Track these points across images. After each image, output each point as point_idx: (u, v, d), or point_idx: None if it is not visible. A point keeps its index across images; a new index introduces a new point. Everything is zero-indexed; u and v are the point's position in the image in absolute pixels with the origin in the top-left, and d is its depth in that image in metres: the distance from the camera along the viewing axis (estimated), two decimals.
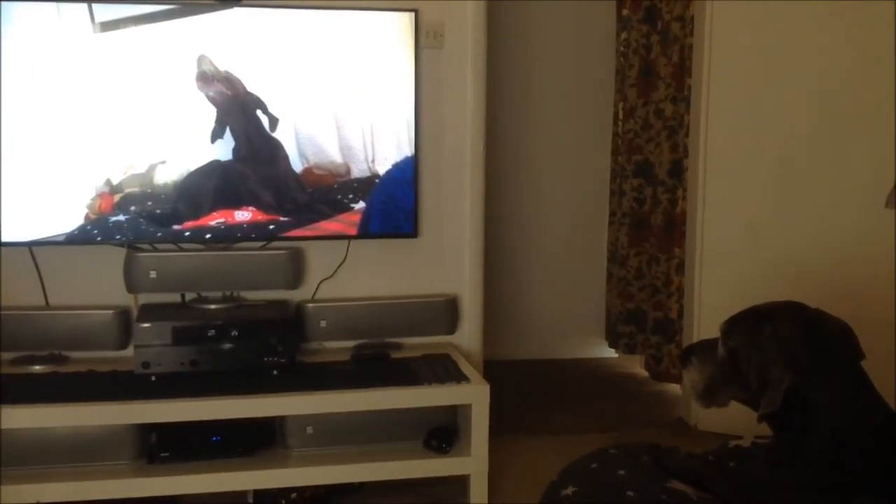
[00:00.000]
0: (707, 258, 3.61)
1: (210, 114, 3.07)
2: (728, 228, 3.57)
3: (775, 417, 1.83)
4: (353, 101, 3.15)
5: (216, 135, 3.09)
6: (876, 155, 3.35)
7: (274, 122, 3.12)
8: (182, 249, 3.14)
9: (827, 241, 3.44)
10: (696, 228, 3.64)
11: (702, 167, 3.61)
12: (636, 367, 4.52)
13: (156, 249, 3.12)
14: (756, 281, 3.43)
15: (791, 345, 1.81)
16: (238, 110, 3.08)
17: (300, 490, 2.89)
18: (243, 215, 3.13)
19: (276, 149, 3.13)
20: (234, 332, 2.96)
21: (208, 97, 3.06)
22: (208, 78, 3.04)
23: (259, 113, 3.11)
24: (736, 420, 1.92)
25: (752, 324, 1.88)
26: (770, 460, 1.89)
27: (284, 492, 2.88)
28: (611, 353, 4.69)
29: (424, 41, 3.27)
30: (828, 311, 1.93)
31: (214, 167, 3.09)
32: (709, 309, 3.55)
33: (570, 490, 2.16)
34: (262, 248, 3.20)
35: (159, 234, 3.07)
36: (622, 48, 4.48)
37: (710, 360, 1.94)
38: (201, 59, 3.03)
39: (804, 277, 3.38)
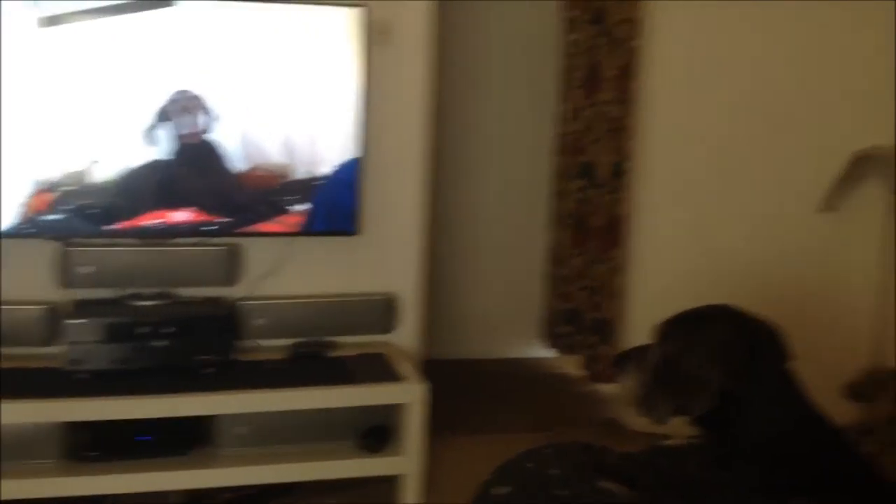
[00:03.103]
0: (646, 261, 3.65)
1: (150, 112, 3.01)
2: (666, 231, 3.60)
3: (707, 420, 1.85)
4: (298, 101, 3.11)
5: (155, 133, 3.03)
6: (811, 159, 3.41)
7: (215, 121, 3.07)
8: (118, 245, 3.08)
9: (763, 245, 3.50)
10: (635, 230, 3.67)
11: (642, 170, 3.64)
12: (573, 367, 4.54)
13: (91, 245, 3.05)
14: (693, 284, 3.47)
15: (724, 347, 1.83)
16: (178, 109, 3.03)
17: (232, 490, 2.86)
18: (181, 216, 3.09)
19: (215, 149, 3.08)
20: (168, 330, 2.91)
21: (148, 95, 3.00)
22: (148, 76, 2.99)
23: (200, 112, 3.06)
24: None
25: (684, 326, 1.90)
26: (701, 460, 1.91)
27: (217, 492, 2.84)
28: (549, 353, 4.71)
29: (372, 38, 3.24)
30: (759, 313, 1.96)
31: (153, 166, 3.04)
32: (646, 311, 3.57)
33: (503, 489, 2.16)
34: (199, 244, 3.15)
35: (95, 232, 3.01)
36: (568, 49, 4.50)
37: (646, 365, 1.95)
38: (140, 57, 2.97)
39: (740, 280, 3.43)
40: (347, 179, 3.19)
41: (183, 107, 3.04)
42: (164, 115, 3.03)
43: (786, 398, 1.85)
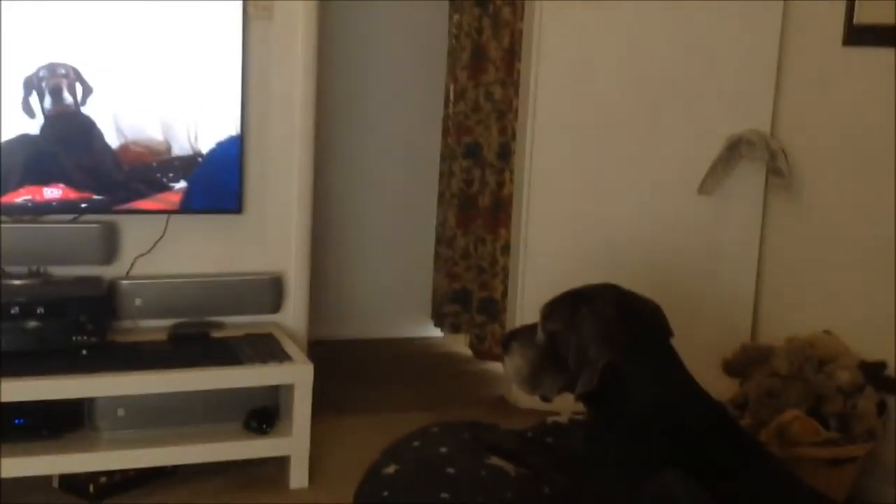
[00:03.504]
0: (531, 240, 3.68)
1: (20, 84, 2.88)
2: (551, 212, 3.64)
3: (591, 396, 1.88)
4: (176, 76, 3.03)
5: (25, 107, 2.90)
6: (693, 143, 3.50)
7: (88, 94, 2.95)
8: None
9: (646, 225, 3.58)
10: (522, 211, 3.71)
11: (528, 150, 3.67)
12: (461, 346, 4.57)
13: None
14: (577, 263, 3.52)
15: (607, 325, 1.86)
16: (50, 81, 2.90)
17: (110, 474, 2.78)
18: (53, 192, 2.97)
19: (89, 123, 2.97)
20: (40, 310, 2.79)
21: (18, 67, 2.86)
22: (18, 46, 2.85)
23: (73, 85, 2.94)
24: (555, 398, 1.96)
25: (569, 306, 1.93)
26: (585, 436, 1.94)
27: (93, 476, 2.76)
28: (436, 333, 4.73)
29: (253, 12, 3.17)
30: (640, 293, 2.00)
31: (22, 141, 2.91)
32: (532, 290, 3.62)
33: (391, 468, 2.16)
34: (73, 221, 3.03)
35: None
36: (454, 30, 4.50)
37: (531, 344, 1.97)
38: (10, 27, 2.83)
39: (625, 260, 3.50)
40: (229, 157, 3.13)
41: (55, 79, 2.92)
42: (34, 88, 2.91)
43: (665, 374, 1.90)
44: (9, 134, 2.89)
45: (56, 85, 2.92)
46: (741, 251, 3.54)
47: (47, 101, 2.92)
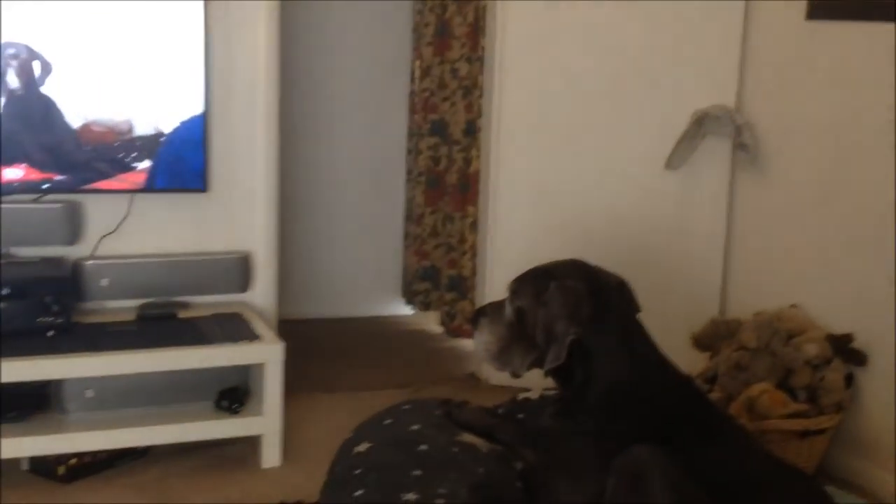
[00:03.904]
0: (499, 217, 3.69)
1: None
2: (519, 188, 3.65)
3: (561, 372, 1.89)
4: (138, 54, 3.00)
5: None
6: (659, 118, 3.51)
7: (47, 73, 2.91)
8: None
9: (614, 201, 3.59)
10: (489, 188, 3.71)
11: (494, 128, 3.66)
12: (431, 323, 4.58)
13: None
14: (545, 240, 3.53)
15: (574, 300, 1.87)
16: (9, 60, 2.86)
17: (80, 456, 2.76)
18: (14, 173, 2.93)
19: (50, 103, 2.94)
20: (4, 291, 2.77)
21: None
22: None
23: (31, 63, 2.89)
24: (526, 374, 1.96)
25: (536, 282, 1.93)
26: (555, 411, 1.95)
27: (62, 458, 2.74)
28: (407, 311, 4.73)
29: None
30: (606, 268, 2.01)
31: None
32: (500, 267, 3.62)
33: (363, 446, 2.16)
34: (35, 201, 2.99)
35: None
36: (418, 6, 4.47)
37: (500, 320, 1.97)
38: None
39: (591, 236, 3.51)
40: (193, 136, 3.11)
41: (14, 58, 2.87)
42: None
43: (633, 349, 1.91)
44: None
45: (14, 64, 2.87)
46: (708, 226, 3.57)
47: (6, 80, 2.87)
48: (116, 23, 2.96)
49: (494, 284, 3.63)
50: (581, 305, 1.87)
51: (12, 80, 2.88)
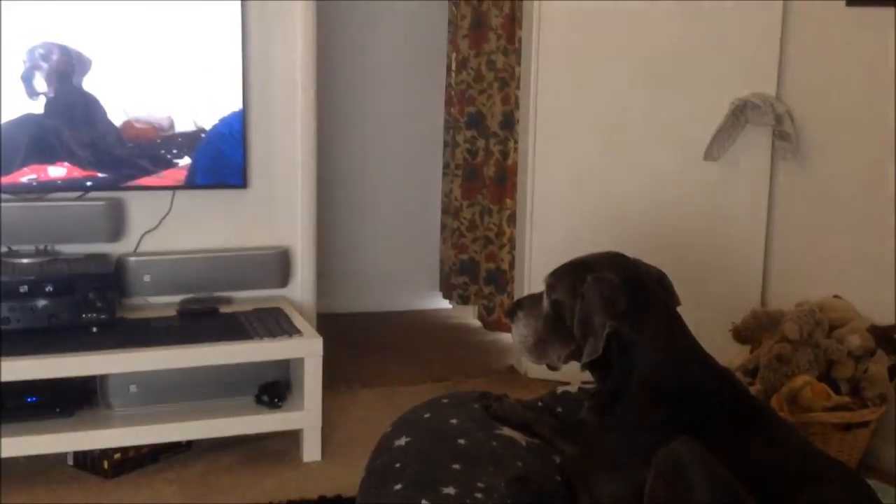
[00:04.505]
0: (537, 210, 3.68)
1: (21, 64, 2.88)
2: (557, 180, 3.63)
3: (599, 365, 1.88)
4: (177, 51, 3.03)
5: (28, 86, 2.90)
6: (697, 108, 3.48)
7: (87, 71, 2.95)
8: None
9: (652, 192, 3.56)
10: (527, 180, 3.70)
11: (532, 119, 3.65)
12: (469, 317, 4.58)
13: None
14: (584, 232, 3.52)
15: (610, 293, 1.86)
16: (53, 60, 2.90)
17: (124, 451, 2.79)
18: (58, 171, 2.97)
19: (92, 101, 2.98)
20: (49, 288, 2.81)
21: (20, 46, 2.87)
22: (20, 25, 2.85)
23: (75, 63, 2.93)
24: (564, 368, 1.96)
25: (573, 275, 1.92)
26: (593, 405, 1.94)
27: (107, 453, 2.77)
28: (445, 305, 4.73)
29: None
30: (644, 261, 2.00)
31: (25, 120, 2.92)
32: (539, 259, 3.62)
33: (402, 440, 2.16)
34: (79, 199, 3.03)
35: None
36: None
37: (537, 313, 1.97)
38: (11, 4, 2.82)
39: (629, 228, 3.49)
40: (232, 132, 3.13)
41: (58, 58, 2.92)
42: (37, 67, 2.90)
43: (671, 342, 1.89)
44: (12, 113, 2.89)
45: (59, 64, 2.91)
46: (749, 216, 3.53)
47: (48, 79, 2.91)
48: (157, 21, 2.99)
49: (533, 277, 3.63)
50: (618, 298, 1.86)
51: (53, 80, 2.92)
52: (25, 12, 2.86)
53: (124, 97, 3.00)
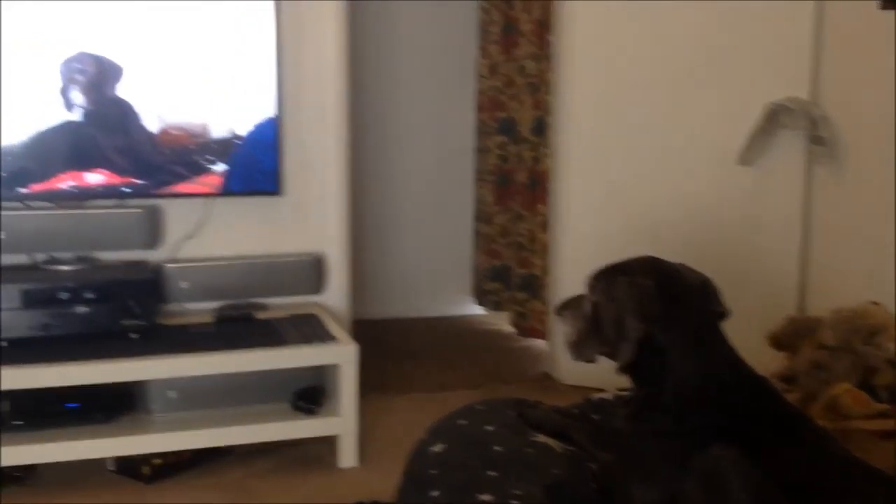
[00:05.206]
0: (570, 215, 3.68)
1: (59, 72, 2.92)
2: (590, 186, 3.63)
3: (637, 370, 1.88)
4: (211, 58, 3.06)
5: (66, 94, 2.94)
6: (730, 113, 3.47)
7: (127, 80, 2.98)
8: (31, 209, 2.99)
9: (684, 196, 3.55)
10: (560, 186, 3.70)
11: (564, 125, 3.65)
12: (503, 323, 4.58)
13: (2, 209, 2.95)
14: (617, 237, 3.52)
15: (643, 297, 1.85)
16: (89, 68, 2.94)
17: (164, 456, 2.82)
18: (95, 178, 3.01)
19: (128, 108, 3.01)
20: (89, 295, 2.86)
21: (57, 55, 2.91)
22: (57, 34, 2.89)
23: (111, 71, 2.97)
24: (600, 374, 1.96)
25: (609, 278, 1.93)
26: (629, 412, 1.94)
27: (147, 458, 2.80)
28: (478, 311, 4.74)
29: None
30: (687, 265, 1.99)
31: (63, 127, 2.96)
32: (572, 265, 3.61)
33: (438, 447, 2.17)
34: (117, 206, 3.07)
35: (6, 196, 2.93)
36: (484, 4, 4.48)
37: (579, 313, 1.97)
38: (49, 15, 2.87)
39: (662, 233, 3.48)
40: (266, 139, 3.15)
41: (94, 66, 2.96)
42: (74, 75, 2.94)
43: (707, 348, 1.88)
44: (50, 121, 2.93)
45: (95, 72, 2.95)
46: (784, 222, 3.50)
47: (86, 87, 2.95)
48: (191, 28, 3.02)
49: (567, 284, 3.62)
50: (649, 302, 1.85)
51: (89, 90, 2.96)
52: (63, 20, 2.90)
53: (160, 104, 3.03)
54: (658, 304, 1.85)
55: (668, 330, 1.84)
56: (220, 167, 3.11)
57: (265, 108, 3.13)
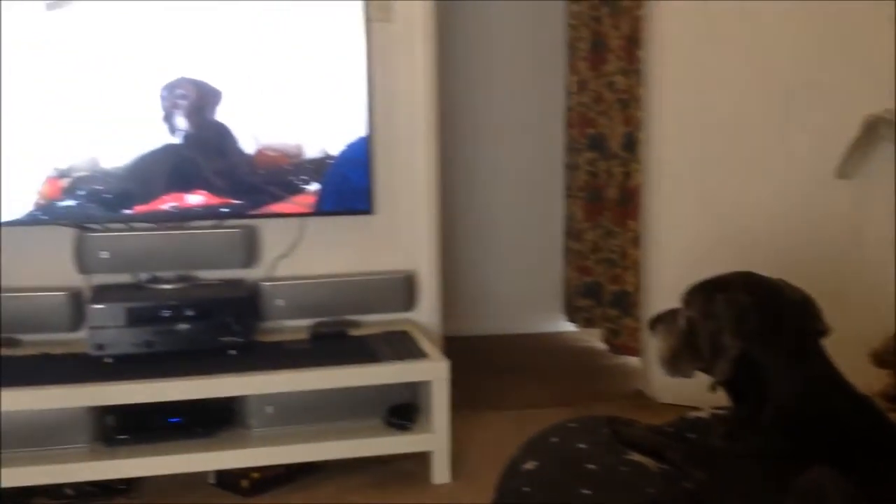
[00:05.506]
0: (662, 231, 3.64)
1: (159, 95, 3.02)
2: (682, 201, 3.59)
3: (734, 388, 1.86)
4: (303, 80, 3.12)
5: (166, 117, 3.04)
6: (826, 126, 3.39)
7: (225, 103, 3.07)
8: (133, 229, 3.10)
9: (780, 211, 3.48)
10: (651, 201, 3.67)
11: (654, 140, 3.62)
12: (595, 340, 4.55)
13: (106, 230, 3.07)
14: (710, 253, 3.46)
15: (740, 313, 1.83)
16: (187, 92, 3.04)
17: (262, 470, 2.88)
18: (195, 199, 3.10)
19: (226, 131, 3.10)
20: (190, 313, 2.94)
21: (157, 79, 3.01)
22: (156, 59, 3.00)
23: (211, 96, 3.06)
24: (695, 392, 1.94)
25: (705, 293, 1.90)
26: (726, 431, 1.91)
27: (246, 472, 2.86)
28: (569, 327, 4.72)
29: (374, 14, 3.24)
30: (788, 282, 1.95)
31: (165, 150, 3.06)
32: (665, 281, 3.58)
33: (530, 464, 2.17)
34: (216, 226, 3.16)
35: (110, 217, 3.04)
36: (572, 20, 4.48)
37: (674, 328, 1.96)
38: (149, 40, 2.97)
39: (757, 248, 3.42)
40: (358, 158, 3.19)
41: (195, 91, 3.04)
42: (176, 100, 3.04)
43: (807, 366, 1.84)
44: (151, 145, 3.04)
45: (193, 95, 3.05)
46: (884, 236, 3.40)
47: (186, 111, 3.05)
48: (283, 51, 3.09)
49: (659, 301, 3.57)
50: (747, 319, 1.83)
51: (191, 114, 3.06)
52: (163, 47, 3.00)
53: (255, 126, 3.11)
54: (756, 321, 1.82)
55: (767, 348, 1.81)
56: (314, 186, 3.17)
57: (357, 128, 3.18)
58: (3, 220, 2.95)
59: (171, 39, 3.01)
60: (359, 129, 3.18)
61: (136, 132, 3.02)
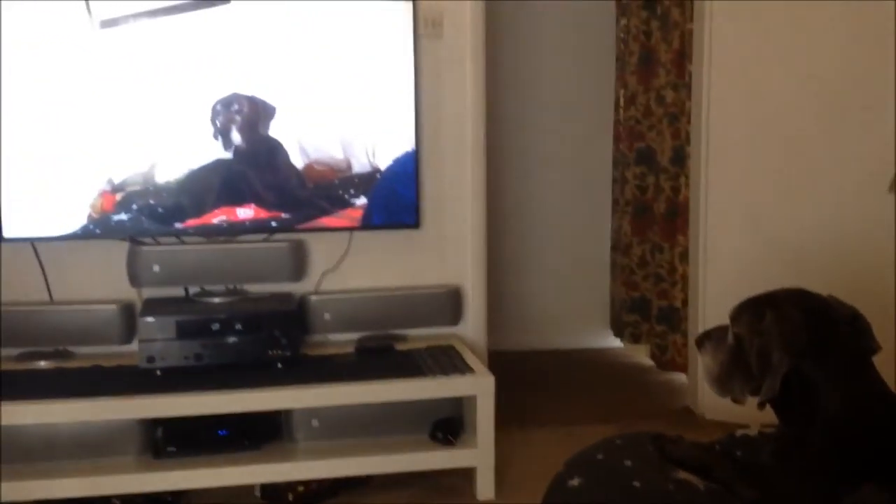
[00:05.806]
0: (710, 245, 3.61)
1: (211, 111, 3.07)
2: (731, 215, 3.55)
3: (783, 406, 1.83)
4: (352, 95, 3.15)
5: (218, 132, 3.08)
6: (878, 139, 3.34)
7: (275, 118, 3.11)
8: (185, 243, 3.14)
9: (830, 226, 3.43)
10: (699, 216, 3.63)
11: (703, 154, 3.59)
12: (642, 356, 4.51)
13: (158, 243, 3.11)
14: (759, 268, 3.42)
15: (790, 330, 1.80)
16: (238, 107, 3.08)
17: (307, 483, 2.89)
18: (245, 212, 3.13)
19: (277, 146, 3.13)
20: (238, 326, 2.96)
21: (208, 94, 3.06)
22: (208, 75, 3.04)
23: (259, 110, 3.10)
24: (743, 409, 1.92)
25: (754, 310, 1.88)
26: (775, 449, 1.89)
27: (291, 485, 2.88)
28: (616, 343, 4.68)
29: (423, 31, 3.26)
30: (838, 299, 1.93)
31: (216, 165, 3.10)
32: (713, 297, 3.54)
33: (576, 481, 2.16)
34: (265, 241, 3.19)
35: (161, 231, 3.09)
36: (622, 34, 4.47)
37: (722, 346, 1.94)
38: (200, 57, 3.02)
39: (806, 264, 3.37)
40: (406, 172, 3.21)
41: (248, 107, 3.08)
42: (224, 114, 3.08)
43: (858, 384, 1.81)
44: (203, 160, 3.08)
45: (243, 111, 3.09)
46: None
47: (236, 126, 3.09)
48: (332, 68, 3.12)
49: (708, 317, 3.55)
50: (798, 336, 1.80)
51: (244, 129, 3.10)
52: (216, 60, 3.04)
53: (305, 141, 3.14)
54: (806, 338, 1.80)
55: (817, 365, 1.79)
56: (361, 201, 3.19)
57: (404, 143, 3.20)
58: (58, 234, 3.01)
59: (223, 56, 3.05)
60: (407, 144, 3.20)
61: (188, 147, 3.07)
